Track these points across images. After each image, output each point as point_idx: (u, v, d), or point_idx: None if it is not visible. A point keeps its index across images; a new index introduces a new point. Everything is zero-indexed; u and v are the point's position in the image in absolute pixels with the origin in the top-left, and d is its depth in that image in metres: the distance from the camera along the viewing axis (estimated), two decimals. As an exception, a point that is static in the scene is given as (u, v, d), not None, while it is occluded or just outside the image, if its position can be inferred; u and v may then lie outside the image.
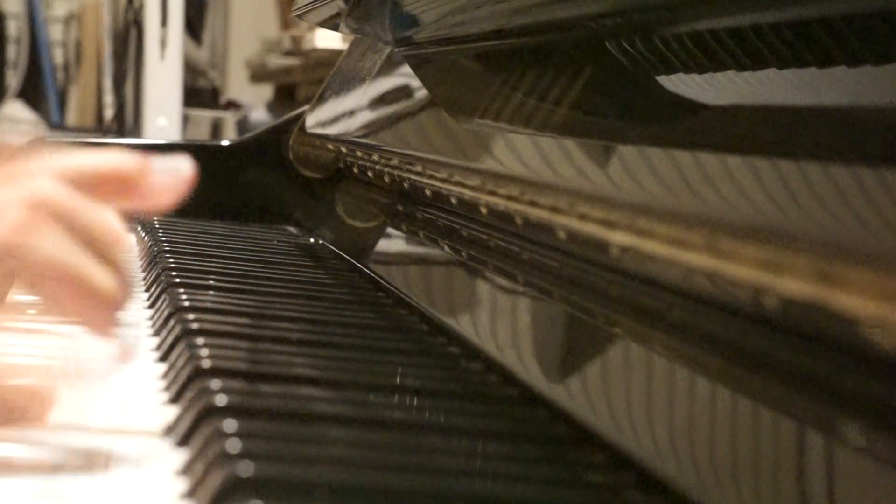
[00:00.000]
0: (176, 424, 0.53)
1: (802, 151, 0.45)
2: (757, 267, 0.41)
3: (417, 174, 0.83)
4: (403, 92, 0.99)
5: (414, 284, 0.84)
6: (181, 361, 0.60)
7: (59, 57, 3.40)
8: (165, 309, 0.74)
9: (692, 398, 0.46)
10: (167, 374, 0.62)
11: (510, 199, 0.64)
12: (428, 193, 0.81)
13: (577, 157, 0.62)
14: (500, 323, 0.66)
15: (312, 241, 1.12)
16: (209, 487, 0.43)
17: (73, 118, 3.36)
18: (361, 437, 0.51)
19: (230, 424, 0.48)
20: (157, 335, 0.71)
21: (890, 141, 0.40)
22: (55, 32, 3.40)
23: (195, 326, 0.66)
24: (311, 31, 2.20)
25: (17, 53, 3.38)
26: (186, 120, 2.30)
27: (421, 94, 0.94)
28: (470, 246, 0.74)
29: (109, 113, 3.04)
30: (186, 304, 0.73)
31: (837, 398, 0.38)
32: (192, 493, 0.45)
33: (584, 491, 0.47)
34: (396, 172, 0.88)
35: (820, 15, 0.47)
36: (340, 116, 1.13)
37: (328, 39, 2.09)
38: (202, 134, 2.48)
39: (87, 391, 0.57)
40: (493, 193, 0.67)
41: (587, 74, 0.66)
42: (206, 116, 2.51)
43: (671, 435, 0.47)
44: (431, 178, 0.79)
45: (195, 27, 2.79)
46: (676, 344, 0.48)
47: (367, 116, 1.06)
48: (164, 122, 2.00)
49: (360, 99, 1.09)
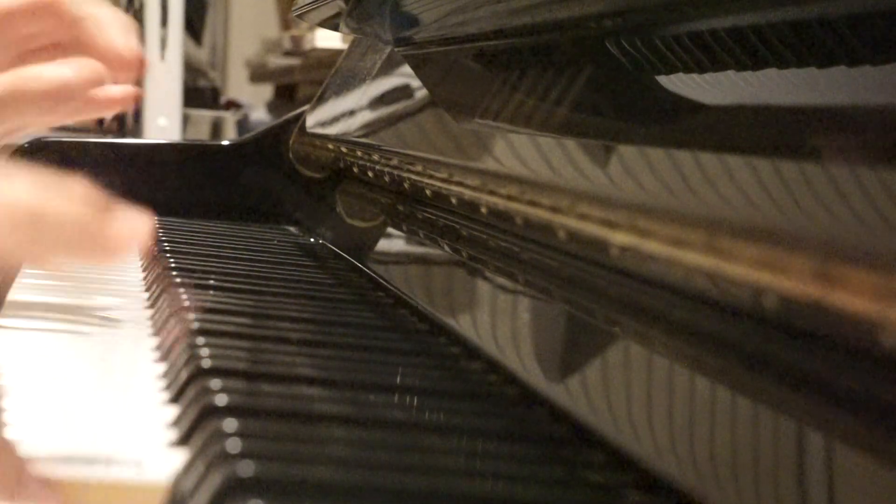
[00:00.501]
0: (176, 424, 0.53)
1: (802, 151, 0.45)
2: (757, 267, 0.41)
3: (417, 174, 0.83)
4: (403, 92, 0.99)
5: (414, 284, 0.84)
6: (181, 361, 0.60)
7: (59, 57, 3.40)
8: (166, 309, 0.74)
9: (692, 398, 0.46)
10: (167, 373, 0.62)
11: (510, 198, 0.64)
12: (428, 193, 0.81)
13: (577, 156, 0.62)
14: (500, 323, 0.66)
15: (312, 240, 1.12)
16: (209, 487, 0.44)
17: (73, 118, 3.36)
18: (362, 436, 0.51)
19: (230, 424, 0.48)
20: (157, 335, 0.71)
21: (890, 141, 0.40)
22: (55, 32, 3.39)
23: (195, 326, 0.66)
24: (311, 31, 2.20)
25: (17, 53, 3.38)
26: (186, 120, 2.30)
27: (421, 94, 0.94)
28: (470, 246, 0.74)
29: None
30: (187, 303, 0.73)
31: (837, 398, 0.38)
32: (192, 492, 0.45)
33: (583, 491, 0.47)
34: (396, 172, 0.88)
35: (820, 15, 0.47)
36: (340, 116, 1.13)
37: (328, 39, 2.09)
38: (202, 134, 2.47)
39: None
40: (493, 193, 0.67)
41: (587, 74, 0.66)
42: (206, 116, 2.51)
43: (671, 435, 0.47)
44: (431, 177, 0.79)
45: (195, 27, 2.79)
46: (676, 344, 0.48)
47: (367, 116, 1.06)
48: (164, 122, 2.00)
49: (360, 99, 1.09)
